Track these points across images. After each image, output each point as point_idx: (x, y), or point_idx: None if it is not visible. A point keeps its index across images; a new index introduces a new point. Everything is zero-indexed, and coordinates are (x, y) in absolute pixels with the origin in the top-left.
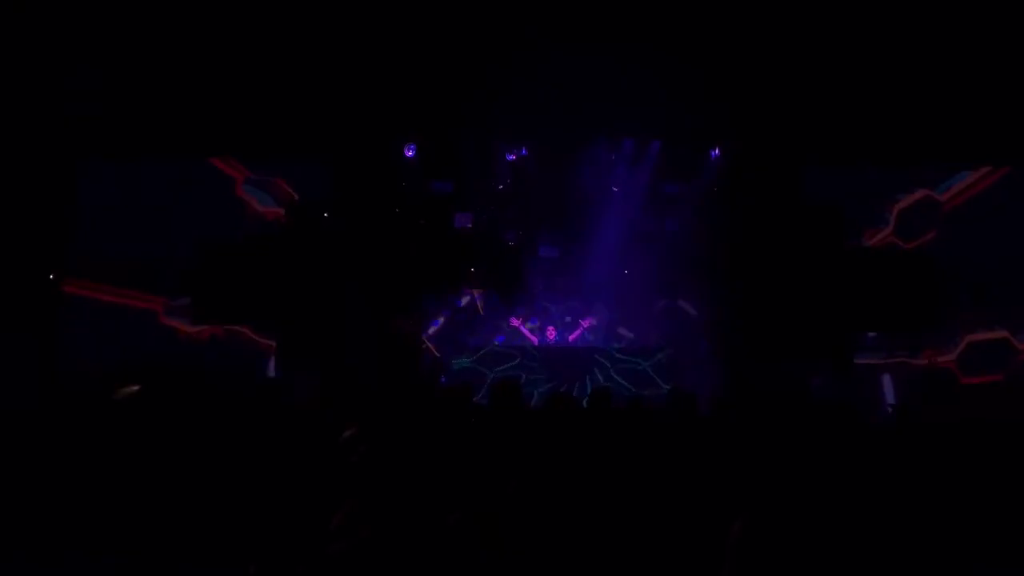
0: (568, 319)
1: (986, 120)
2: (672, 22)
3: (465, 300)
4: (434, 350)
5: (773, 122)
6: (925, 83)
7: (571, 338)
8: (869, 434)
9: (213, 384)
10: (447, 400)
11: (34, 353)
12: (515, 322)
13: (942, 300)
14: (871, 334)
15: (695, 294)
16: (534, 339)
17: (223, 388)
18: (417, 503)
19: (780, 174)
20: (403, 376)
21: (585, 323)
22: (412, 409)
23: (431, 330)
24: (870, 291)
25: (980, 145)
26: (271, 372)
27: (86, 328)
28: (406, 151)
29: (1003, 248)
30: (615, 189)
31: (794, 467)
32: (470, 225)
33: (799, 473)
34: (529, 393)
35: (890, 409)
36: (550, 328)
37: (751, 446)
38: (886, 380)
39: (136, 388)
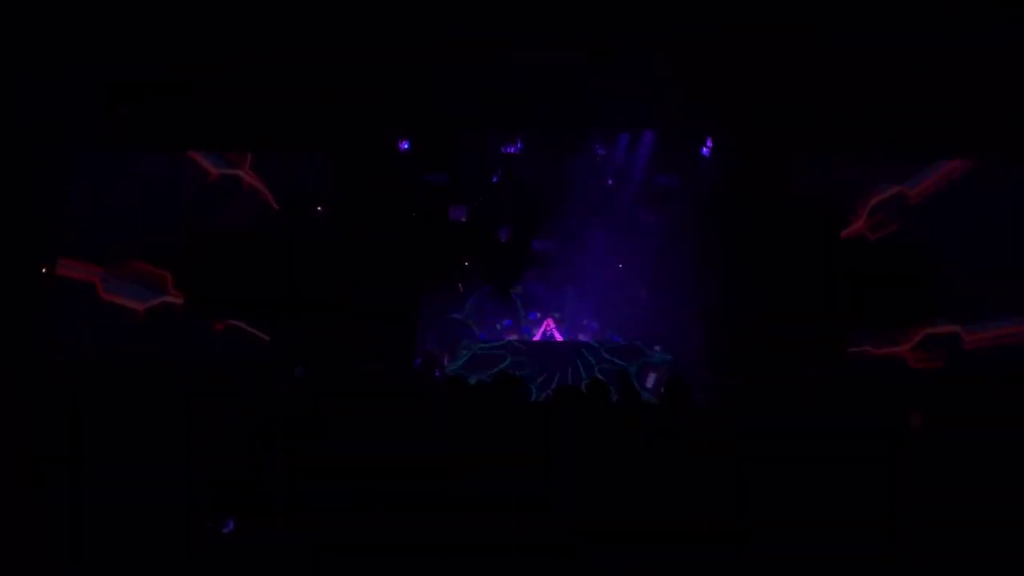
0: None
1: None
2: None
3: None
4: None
5: (765, 112)
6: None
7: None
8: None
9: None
10: (444, 388)
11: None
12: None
13: (937, 293)
14: None
15: (689, 286)
16: (559, 335)
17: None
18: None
19: (773, 165)
20: (396, 369)
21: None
22: (407, 398)
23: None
24: (864, 283)
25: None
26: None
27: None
28: (400, 144)
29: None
30: (609, 182)
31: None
32: (464, 219)
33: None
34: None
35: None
36: (547, 321)
37: (745, 443)
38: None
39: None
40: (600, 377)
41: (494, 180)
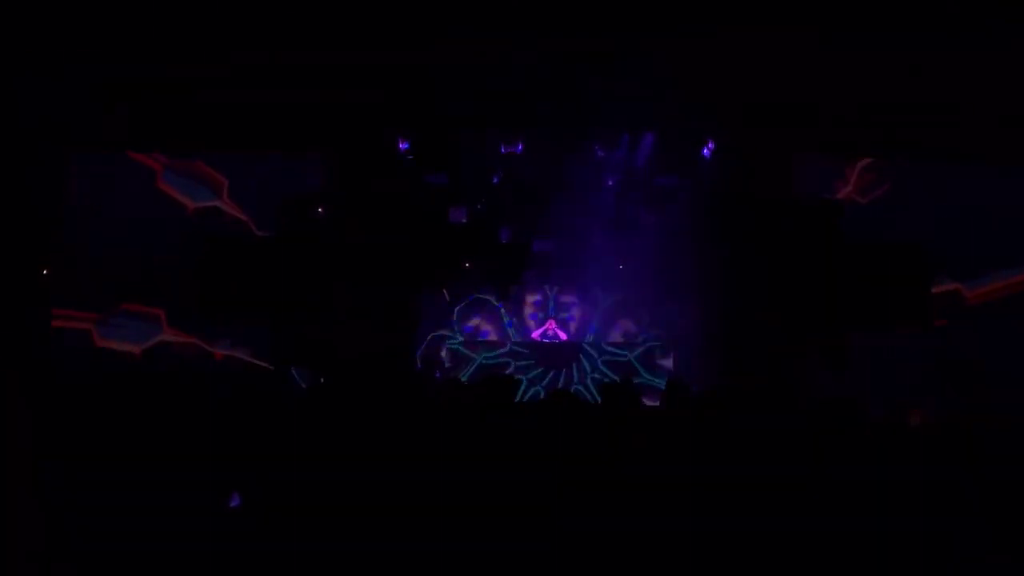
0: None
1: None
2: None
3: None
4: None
5: (765, 112)
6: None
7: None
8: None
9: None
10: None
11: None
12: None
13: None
14: None
15: (689, 287)
16: (563, 335)
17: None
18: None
19: (773, 165)
20: (398, 370)
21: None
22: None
23: None
24: (866, 285)
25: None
26: None
27: None
28: (400, 144)
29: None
30: (609, 182)
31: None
32: (464, 220)
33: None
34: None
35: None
36: (549, 322)
37: (745, 441)
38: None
39: None
40: (606, 372)
41: (494, 181)
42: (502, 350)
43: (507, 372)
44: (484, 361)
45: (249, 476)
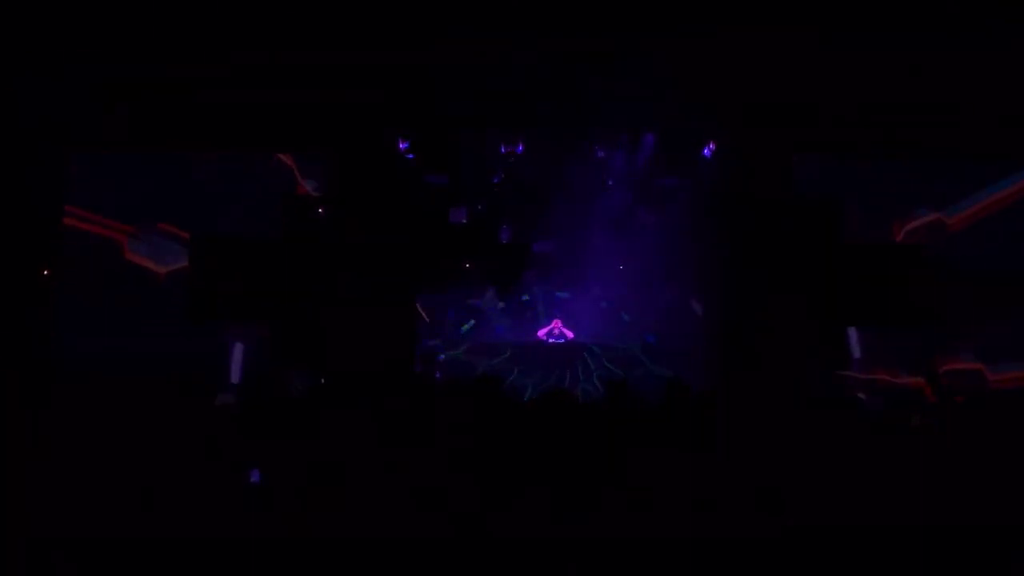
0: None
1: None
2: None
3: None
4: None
5: (765, 112)
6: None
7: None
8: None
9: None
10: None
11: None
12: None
13: (939, 294)
14: None
15: (690, 287)
16: (569, 334)
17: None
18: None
19: (773, 165)
20: (398, 372)
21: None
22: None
23: None
24: (867, 285)
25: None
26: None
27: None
28: (400, 144)
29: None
30: (610, 183)
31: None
32: (465, 220)
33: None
34: (523, 386)
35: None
36: (555, 322)
37: (746, 441)
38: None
39: None
40: (611, 368)
41: (494, 181)
42: (503, 356)
43: (511, 377)
44: (486, 367)
45: (249, 475)
